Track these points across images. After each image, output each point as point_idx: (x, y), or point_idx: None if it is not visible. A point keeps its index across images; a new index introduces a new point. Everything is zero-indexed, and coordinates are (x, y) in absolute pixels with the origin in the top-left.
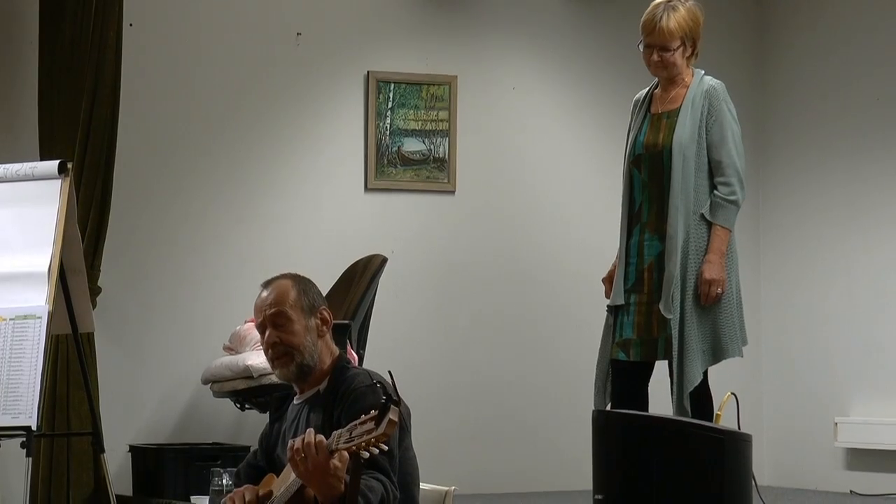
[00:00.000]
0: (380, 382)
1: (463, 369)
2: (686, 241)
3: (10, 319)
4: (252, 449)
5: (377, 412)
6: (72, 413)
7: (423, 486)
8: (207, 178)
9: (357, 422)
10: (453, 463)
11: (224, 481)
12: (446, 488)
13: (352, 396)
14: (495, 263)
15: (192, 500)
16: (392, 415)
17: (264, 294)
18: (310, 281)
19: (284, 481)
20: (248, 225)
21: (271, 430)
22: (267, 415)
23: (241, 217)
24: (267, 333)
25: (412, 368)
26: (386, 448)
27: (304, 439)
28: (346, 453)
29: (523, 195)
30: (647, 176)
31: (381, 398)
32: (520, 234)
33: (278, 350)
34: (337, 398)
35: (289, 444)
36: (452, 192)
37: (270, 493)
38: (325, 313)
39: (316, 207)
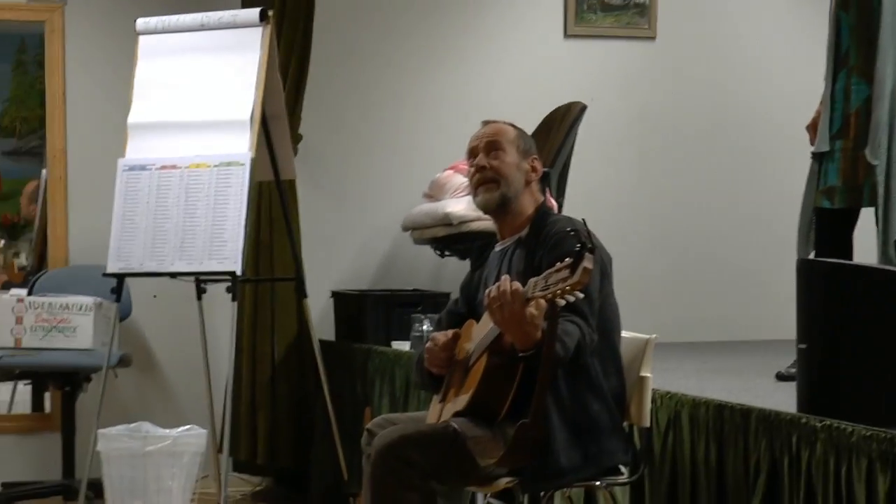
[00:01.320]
0: (577, 230)
1: (664, 218)
2: (895, 86)
3: (214, 166)
4: (453, 297)
5: (572, 260)
6: (275, 259)
7: (624, 333)
8: (407, 23)
9: (552, 270)
10: (655, 311)
11: (425, 327)
12: (648, 336)
13: (552, 241)
14: (696, 111)
15: (394, 346)
16: (587, 262)
17: (483, 128)
18: (529, 135)
19: (483, 328)
20: (448, 72)
21: (472, 278)
22: (466, 262)
23: (442, 64)
24: (478, 157)
25: (612, 217)
26: (581, 295)
27: (500, 287)
28: (542, 301)
29: (725, 42)
30: (855, 18)
31: (578, 244)
32: (721, 81)
33: (486, 175)
34: (538, 243)
35: (486, 292)
36: (653, 39)
37: (459, 336)
38: (536, 163)
39: (515, 54)
